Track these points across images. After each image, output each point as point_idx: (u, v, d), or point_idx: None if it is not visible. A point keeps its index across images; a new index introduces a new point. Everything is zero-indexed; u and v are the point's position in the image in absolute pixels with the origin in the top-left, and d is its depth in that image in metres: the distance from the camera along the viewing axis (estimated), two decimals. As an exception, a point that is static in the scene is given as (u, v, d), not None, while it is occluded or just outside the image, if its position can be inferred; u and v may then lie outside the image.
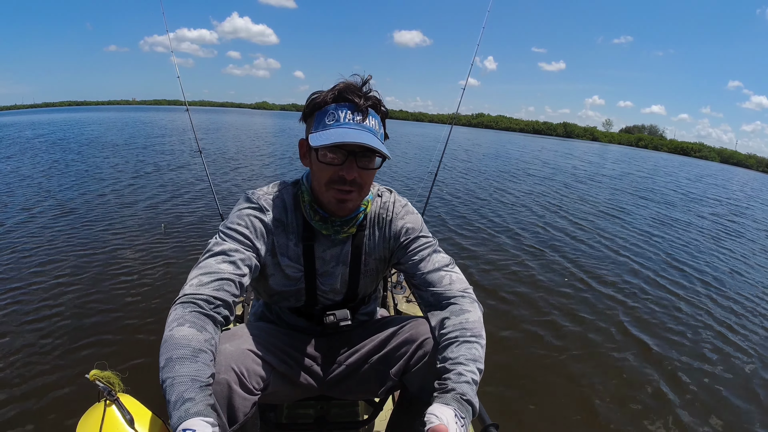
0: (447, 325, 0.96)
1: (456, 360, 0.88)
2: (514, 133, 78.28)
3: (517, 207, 7.45)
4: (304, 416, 1.41)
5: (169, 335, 0.77)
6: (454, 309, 0.98)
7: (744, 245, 6.59)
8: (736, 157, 69.35)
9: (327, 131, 0.91)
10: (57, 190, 6.51)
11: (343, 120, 0.92)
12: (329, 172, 0.94)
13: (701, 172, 27.16)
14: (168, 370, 0.73)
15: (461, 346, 0.91)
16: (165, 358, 0.74)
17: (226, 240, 0.95)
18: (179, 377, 0.72)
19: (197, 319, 0.81)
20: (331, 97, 0.93)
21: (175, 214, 5.41)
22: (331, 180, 0.94)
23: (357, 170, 0.93)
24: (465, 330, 0.93)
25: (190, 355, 0.75)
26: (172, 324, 0.79)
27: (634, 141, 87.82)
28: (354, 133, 0.90)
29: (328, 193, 0.96)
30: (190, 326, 0.79)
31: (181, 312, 0.82)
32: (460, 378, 0.85)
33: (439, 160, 2.71)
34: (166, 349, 0.76)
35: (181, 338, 0.77)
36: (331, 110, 0.93)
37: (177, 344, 0.76)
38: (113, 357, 2.33)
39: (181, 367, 0.73)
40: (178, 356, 0.74)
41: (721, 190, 15.88)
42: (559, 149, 31.85)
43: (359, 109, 0.93)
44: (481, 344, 0.93)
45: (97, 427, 0.74)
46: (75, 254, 3.83)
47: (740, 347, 3.07)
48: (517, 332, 2.98)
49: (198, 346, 0.77)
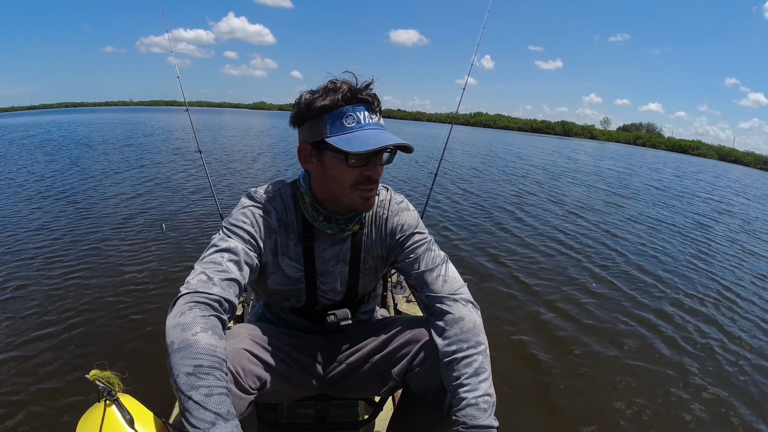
0: (445, 337, 0.95)
1: (460, 383, 0.89)
2: (512, 132, 78.23)
3: (497, 202, 7.47)
4: (304, 416, 1.41)
5: (194, 340, 0.76)
6: (449, 317, 0.97)
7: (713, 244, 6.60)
8: (734, 155, 69.40)
9: (354, 134, 0.90)
10: (57, 190, 6.51)
11: (365, 121, 0.91)
12: (354, 174, 0.93)
13: (701, 170, 27.18)
14: (199, 378, 0.72)
15: (461, 364, 0.91)
16: (193, 365, 0.73)
17: (231, 237, 0.94)
18: (216, 388, 0.73)
19: (216, 326, 0.81)
20: (344, 98, 0.90)
21: (174, 214, 5.41)
22: (357, 181, 0.94)
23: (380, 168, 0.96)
24: (462, 342, 0.93)
25: (219, 366, 0.76)
26: (194, 327, 0.77)
27: (632, 139, 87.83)
28: (385, 134, 0.91)
29: (353, 194, 0.95)
30: (213, 333, 0.79)
31: (200, 315, 0.80)
32: (462, 404, 0.87)
33: (440, 159, 2.70)
34: (191, 354, 0.74)
35: (208, 346, 0.76)
36: (348, 112, 0.90)
37: (204, 352, 0.75)
38: (113, 357, 2.33)
39: (216, 378, 0.74)
40: (209, 365, 0.74)
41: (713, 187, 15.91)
42: (558, 148, 31.84)
43: (373, 108, 0.93)
44: (480, 353, 0.93)
45: (97, 427, 0.74)
46: (74, 254, 3.83)
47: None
48: (518, 331, 2.98)
49: (222, 356, 0.78)
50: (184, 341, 0.75)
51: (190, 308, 0.81)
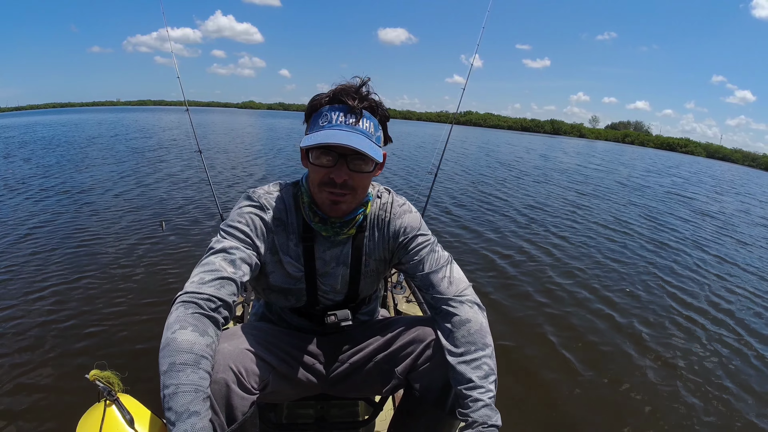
0: (452, 339, 0.96)
1: (469, 385, 0.91)
2: (502, 131, 78.69)
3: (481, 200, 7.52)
4: (304, 416, 1.40)
5: (171, 338, 0.76)
6: (456, 319, 0.98)
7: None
8: (722, 152, 70.53)
9: (317, 133, 0.91)
10: (56, 190, 6.47)
11: (335, 122, 0.92)
12: (321, 173, 0.94)
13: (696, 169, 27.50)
14: (171, 376, 0.72)
15: (469, 366, 0.92)
16: (168, 363, 0.74)
17: (227, 238, 0.95)
18: (183, 386, 0.72)
19: (199, 321, 0.81)
20: (326, 99, 0.93)
21: (174, 214, 5.39)
22: (322, 182, 0.94)
23: (348, 173, 0.93)
24: (470, 345, 0.94)
25: (193, 362, 0.75)
26: (174, 326, 0.78)
27: (621, 137, 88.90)
28: (341, 134, 0.90)
29: (321, 195, 0.96)
30: (192, 330, 0.78)
31: (183, 313, 0.81)
32: (477, 404, 0.88)
33: (440, 159, 2.69)
34: (168, 353, 0.75)
35: (184, 342, 0.76)
36: (325, 112, 0.93)
37: (179, 349, 0.75)
38: (113, 357, 2.32)
39: (185, 374, 0.73)
40: (181, 362, 0.74)
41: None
42: (551, 148, 32.08)
43: (353, 111, 0.92)
44: (488, 354, 0.94)
45: (97, 427, 0.74)
46: (73, 254, 3.80)
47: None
48: (518, 331, 2.98)
49: (200, 351, 0.77)
50: (164, 341, 0.77)
51: (176, 308, 0.82)
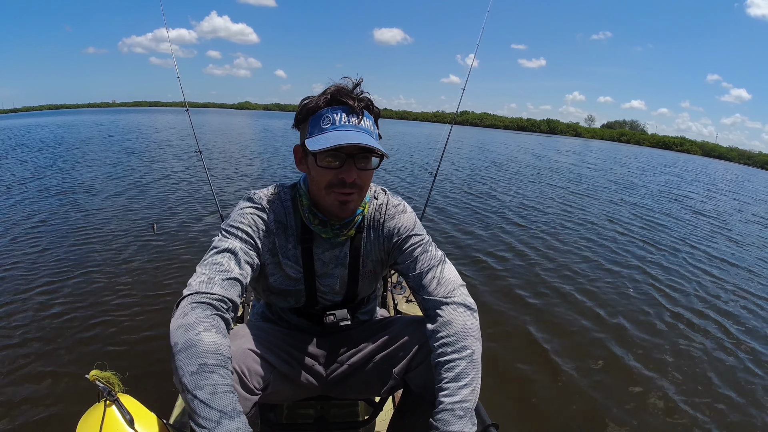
0: (434, 340, 0.95)
1: (440, 387, 0.89)
2: (499, 131, 78.83)
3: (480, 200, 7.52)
4: (304, 416, 1.41)
5: (197, 339, 0.75)
6: (439, 320, 0.97)
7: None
8: (717, 150, 70.77)
9: (324, 135, 0.91)
10: (56, 189, 6.48)
11: (339, 123, 0.92)
12: (329, 175, 0.93)
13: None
14: (204, 377, 0.72)
15: (444, 367, 0.91)
16: (197, 364, 0.73)
17: (229, 237, 0.95)
18: (221, 386, 0.72)
19: (219, 323, 0.81)
20: (325, 101, 0.93)
21: (174, 214, 5.40)
22: (331, 183, 0.94)
23: (356, 172, 0.93)
24: (447, 346, 0.92)
25: (224, 364, 0.75)
26: (197, 327, 0.77)
27: (617, 136, 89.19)
28: (352, 134, 0.90)
29: (329, 197, 0.95)
30: (216, 332, 0.78)
31: (202, 314, 0.80)
32: (445, 410, 0.86)
33: (439, 159, 2.69)
34: (196, 353, 0.74)
35: (211, 344, 0.75)
36: (326, 114, 0.92)
37: (208, 350, 0.75)
38: (113, 357, 2.32)
39: (219, 376, 0.73)
40: (213, 363, 0.73)
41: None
42: (546, 147, 32.18)
43: (354, 110, 0.93)
44: (464, 357, 0.91)
45: (97, 428, 0.73)
46: (74, 254, 3.80)
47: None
48: (518, 329, 2.99)
49: (227, 353, 0.77)
50: (187, 341, 0.75)
51: (193, 308, 0.81)
